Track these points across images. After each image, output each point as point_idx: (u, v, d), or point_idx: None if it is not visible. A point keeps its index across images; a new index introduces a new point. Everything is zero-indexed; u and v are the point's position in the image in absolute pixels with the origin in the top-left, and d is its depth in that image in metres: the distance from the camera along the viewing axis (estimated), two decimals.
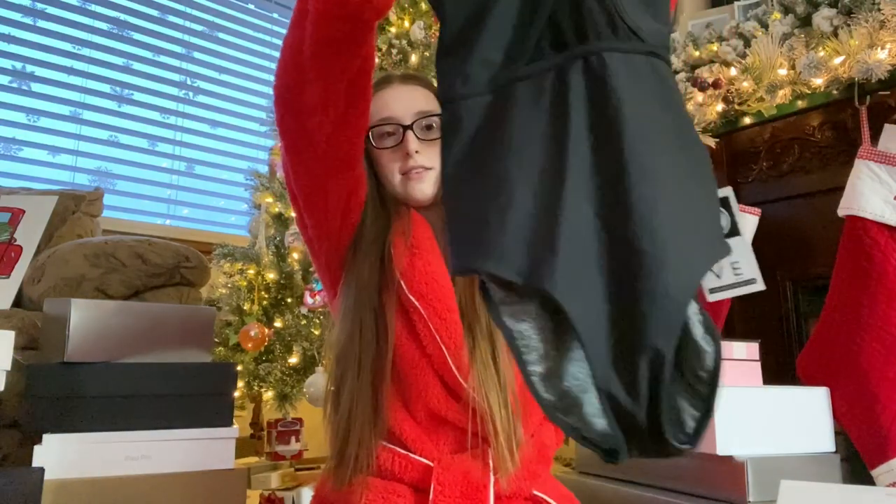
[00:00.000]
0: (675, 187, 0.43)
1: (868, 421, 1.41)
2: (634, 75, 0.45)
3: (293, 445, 2.11)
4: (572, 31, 0.46)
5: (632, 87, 0.44)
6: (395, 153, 1.00)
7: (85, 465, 1.20)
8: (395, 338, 0.94)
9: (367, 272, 0.96)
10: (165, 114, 2.93)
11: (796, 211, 1.82)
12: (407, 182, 0.99)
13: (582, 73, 0.45)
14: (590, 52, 0.45)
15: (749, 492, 1.17)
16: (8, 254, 1.74)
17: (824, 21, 1.57)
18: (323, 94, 0.83)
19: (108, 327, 1.32)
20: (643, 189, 0.41)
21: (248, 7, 3.23)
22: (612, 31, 0.45)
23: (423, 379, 0.93)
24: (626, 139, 0.42)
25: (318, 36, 0.79)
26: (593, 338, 0.40)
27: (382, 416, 0.92)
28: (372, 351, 0.93)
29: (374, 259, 0.96)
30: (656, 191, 0.42)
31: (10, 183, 2.45)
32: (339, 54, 0.80)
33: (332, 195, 0.95)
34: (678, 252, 0.41)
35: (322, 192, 0.95)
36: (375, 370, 0.92)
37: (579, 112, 0.44)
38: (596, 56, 0.45)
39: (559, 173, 0.43)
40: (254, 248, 2.21)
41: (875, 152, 1.48)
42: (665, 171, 0.43)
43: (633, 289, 0.40)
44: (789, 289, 1.84)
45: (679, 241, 0.41)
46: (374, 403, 0.92)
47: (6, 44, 2.57)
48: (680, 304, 0.41)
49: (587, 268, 0.41)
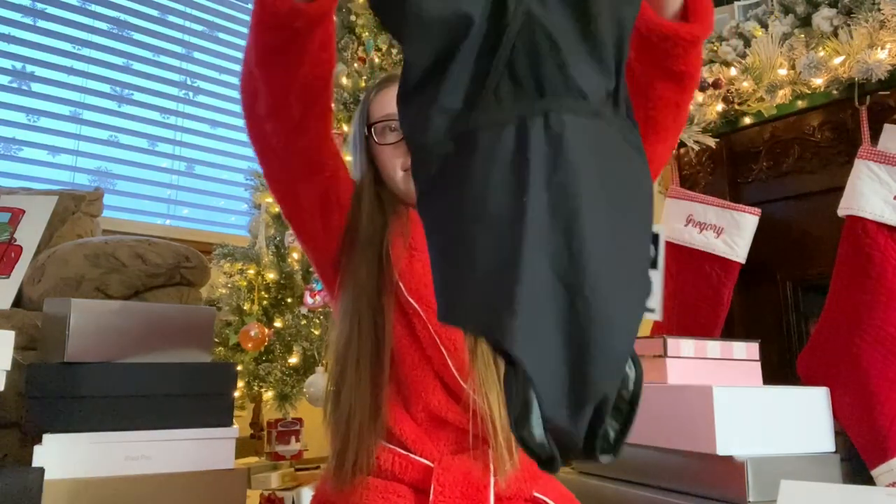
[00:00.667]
0: (620, 242, 0.45)
1: (868, 421, 1.41)
2: (586, 135, 0.46)
3: (293, 445, 2.11)
4: (531, 82, 0.46)
5: (584, 148, 0.45)
6: (398, 149, 1.00)
7: (85, 465, 1.20)
8: (394, 339, 0.94)
9: (364, 272, 0.95)
10: (165, 114, 2.93)
11: (796, 211, 1.82)
12: (409, 178, 0.99)
13: (542, 129, 0.45)
14: (548, 109, 0.46)
15: (749, 492, 1.17)
16: (8, 254, 1.73)
17: (824, 21, 1.57)
18: (273, 101, 0.83)
19: (108, 327, 1.32)
20: (593, 246, 0.43)
21: (248, 7, 3.23)
22: (565, 88, 0.46)
23: (423, 380, 0.93)
24: (581, 199, 0.44)
25: (259, 44, 0.79)
26: (547, 385, 0.43)
27: (382, 416, 0.92)
28: (370, 352, 0.93)
29: (371, 259, 0.96)
30: (605, 247, 0.44)
31: (10, 183, 2.45)
32: (279, 63, 0.80)
33: (302, 199, 0.95)
34: (622, 306, 0.44)
35: (291, 196, 0.95)
36: (374, 371, 0.92)
37: (538, 169, 0.44)
38: (556, 115, 0.45)
39: (518, 230, 0.44)
40: (254, 248, 2.21)
41: (875, 152, 1.48)
42: (612, 227, 0.45)
43: (585, 342, 0.43)
44: (789, 289, 1.84)
45: (623, 295, 0.44)
46: (373, 404, 0.91)
47: (6, 44, 2.57)
48: (625, 354, 0.44)
49: (544, 323, 0.43)
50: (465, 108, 0.47)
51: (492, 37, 0.47)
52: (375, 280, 0.95)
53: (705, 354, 1.43)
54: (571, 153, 0.45)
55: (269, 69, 0.80)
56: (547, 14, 0.47)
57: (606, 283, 0.43)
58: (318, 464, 2.12)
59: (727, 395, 1.24)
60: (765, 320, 1.86)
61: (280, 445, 2.10)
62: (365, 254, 0.96)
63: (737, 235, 1.77)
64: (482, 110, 0.47)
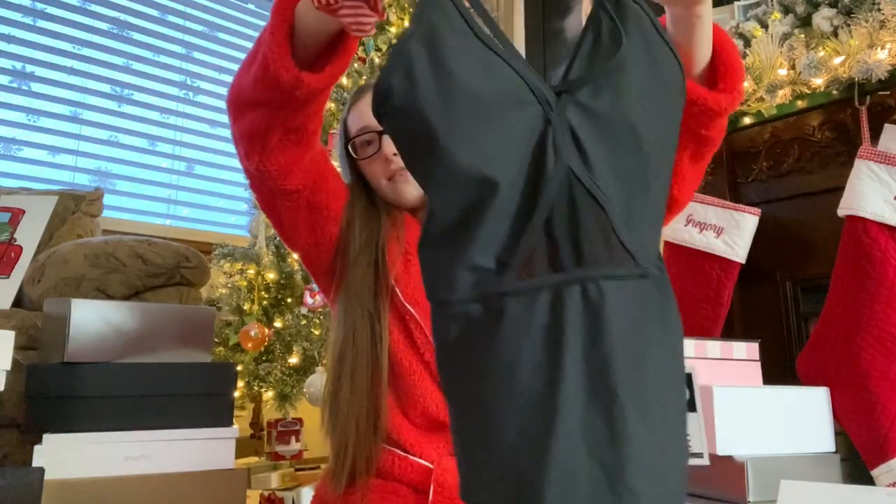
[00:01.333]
0: (660, 418, 0.42)
1: (868, 421, 1.41)
2: (629, 303, 0.43)
3: (293, 445, 2.11)
4: (569, 249, 0.43)
5: (626, 318, 0.42)
6: (377, 160, 1.00)
7: (85, 465, 1.20)
8: (391, 344, 0.94)
9: (359, 277, 0.95)
10: (165, 114, 2.92)
11: (796, 211, 1.82)
12: (394, 185, 0.99)
13: (580, 300, 0.42)
14: (587, 279, 0.42)
15: (749, 492, 1.17)
16: (8, 254, 1.73)
17: (824, 21, 1.57)
18: (254, 129, 0.82)
19: (108, 327, 1.32)
20: (634, 428, 0.40)
21: (248, 7, 3.23)
22: (608, 254, 0.43)
23: (420, 385, 0.93)
24: (620, 378, 0.41)
25: (253, 91, 0.77)
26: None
27: (380, 420, 0.92)
28: (367, 358, 0.92)
29: (366, 264, 0.95)
30: (647, 428, 0.41)
31: (10, 183, 2.45)
32: (267, 111, 0.78)
33: (282, 214, 0.94)
34: (664, 490, 0.41)
35: (273, 211, 0.94)
36: (372, 377, 0.92)
37: (575, 342, 0.41)
38: (594, 284, 0.42)
39: (551, 408, 0.40)
40: (254, 248, 2.21)
41: (875, 152, 1.48)
42: (654, 403, 0.42)
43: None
44: (789, 289, 1.84)
45: (664, 478, 0.41)
46: (371, 407, 0.91)
47: (6, 44, 2.57)
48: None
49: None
50: (495, 268, 0.43)
51: (529, 194, 0.43)
52: (371, 286, 0.94)
53: (705, 354, 1.43)
54: (611, 326, 0.41)
55: (261, 111, 0.79)
56: (590, 173, 0.43)
57: (648, 467, 0.40)
58: (318, 464, 2.12)
59: (727, 395, 1.24)
60: (765, 320, 1.86)
61: (280, 445, 2.09)
62: (359, 260, 0.95)
63: (737, 235, 1.77)
64: (514, 273, 0.43)
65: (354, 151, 1.02)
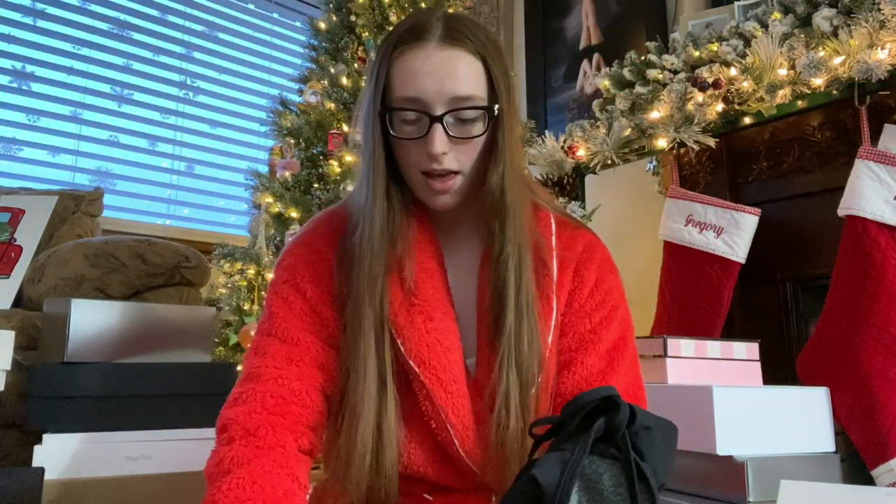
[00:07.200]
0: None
1: (868, 421, 1.41)
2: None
3: None
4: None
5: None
6: (418, 146, 0.77)
7: (85, 465, 1.20)
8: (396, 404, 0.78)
9: (363, 312, 0.77)
10: (165, 114, 2.93)
11: (796, 211, 1.82)
12: (427, 188, 0.79)
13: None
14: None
15: (749, 492, 1.17)
16: (8, 254, 1.73)
17: (824, 21, 1.57)
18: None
19: (108, 327, 1.32)
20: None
21: (248, 7, 3.23)
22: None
23: (428, 451, 0.80)
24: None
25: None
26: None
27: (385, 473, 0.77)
28: (374, 404, 0.76)
29: (373, 296, 0.78)
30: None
31: (10, 183, 2.45)
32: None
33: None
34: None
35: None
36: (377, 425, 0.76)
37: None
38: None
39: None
40: (254, 248, 2.21)
41: (875, 152, 1.48)
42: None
43: None
44: (789, 289, 1.84)
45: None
46: (374, 464, 0.76)
47: (6, 44, 2.57)
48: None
49: None
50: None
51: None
52: (373, 334, 0.77)
53: (705, 354, 1.43)
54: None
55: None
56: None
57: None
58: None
59: (727, 395, 1.24)
60: (765, 320, 1.86)
61: None
62: (366, 288, 0.78)
63: (737, 235, 1.77)
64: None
65: (391, 124, 0.78)
